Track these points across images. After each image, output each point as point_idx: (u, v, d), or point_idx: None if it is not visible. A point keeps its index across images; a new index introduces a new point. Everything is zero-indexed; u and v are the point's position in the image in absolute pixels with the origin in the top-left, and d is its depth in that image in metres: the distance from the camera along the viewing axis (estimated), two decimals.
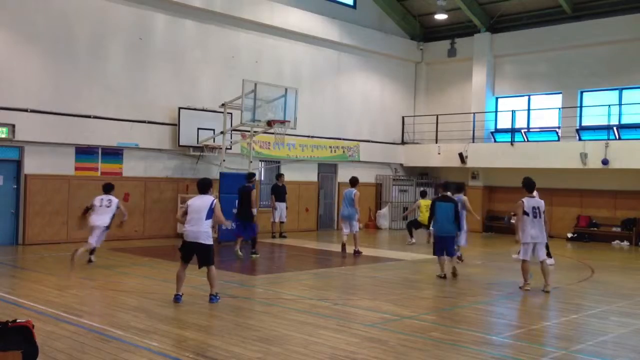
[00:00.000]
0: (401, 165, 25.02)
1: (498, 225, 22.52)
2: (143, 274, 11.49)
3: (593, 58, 21.30)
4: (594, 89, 21.55)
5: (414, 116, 25.31)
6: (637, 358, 6.92)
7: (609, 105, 20.70)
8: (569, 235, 20.81)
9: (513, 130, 22.30)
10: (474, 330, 7.93)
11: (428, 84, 25.86)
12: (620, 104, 20.90)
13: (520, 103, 23.43)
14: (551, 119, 22.31)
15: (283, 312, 8.56)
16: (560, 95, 22.23)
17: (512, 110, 22.93)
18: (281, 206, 18.54)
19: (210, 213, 8.93)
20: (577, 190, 21.10)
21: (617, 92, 21.12)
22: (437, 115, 23.90)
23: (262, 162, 20.57)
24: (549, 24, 22.20)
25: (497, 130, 23.56)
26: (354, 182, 15.25)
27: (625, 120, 20.69)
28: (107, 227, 12.25)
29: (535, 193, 10.88)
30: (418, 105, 25.82)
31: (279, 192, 18.55)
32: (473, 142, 22.80)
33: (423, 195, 18.66)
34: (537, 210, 10.46)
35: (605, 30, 20.70)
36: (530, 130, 22.53)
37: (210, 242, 9.02)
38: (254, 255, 14.05)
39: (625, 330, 8.12)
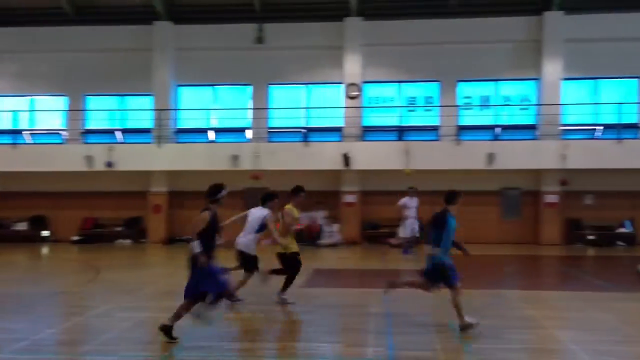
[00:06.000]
0: None
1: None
2: None
3: (96, 63, 21.64)
4: (97, 93, 21.98)
5: None
6: (140, 348, 7.30)
7: (114, 110, 21.62)
8: (75, 238, 20.72)
9: (15, 132, 21.05)
10: None
11: None
12: (123, 110, 21.82)
13: (23, 104, 22.26)
14: (57, 122, 21.91)
15: None
16: (67, 98, 21.97)
17: (14, 111, 21.67)
18: None
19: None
20: (84, 193, 21.26)
21: (119, 98, 22.03)
22: None
23: None
24: (50, 25, 21.60)
25: None
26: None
27: (130, 125, 21.66)
28: None
29: None
30: None
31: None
32: None
33: None
34: None
35: (107, 38, 21.39)
36: (35, 132, 21.64)
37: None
38: None
39: (129, 324, 8.48)
